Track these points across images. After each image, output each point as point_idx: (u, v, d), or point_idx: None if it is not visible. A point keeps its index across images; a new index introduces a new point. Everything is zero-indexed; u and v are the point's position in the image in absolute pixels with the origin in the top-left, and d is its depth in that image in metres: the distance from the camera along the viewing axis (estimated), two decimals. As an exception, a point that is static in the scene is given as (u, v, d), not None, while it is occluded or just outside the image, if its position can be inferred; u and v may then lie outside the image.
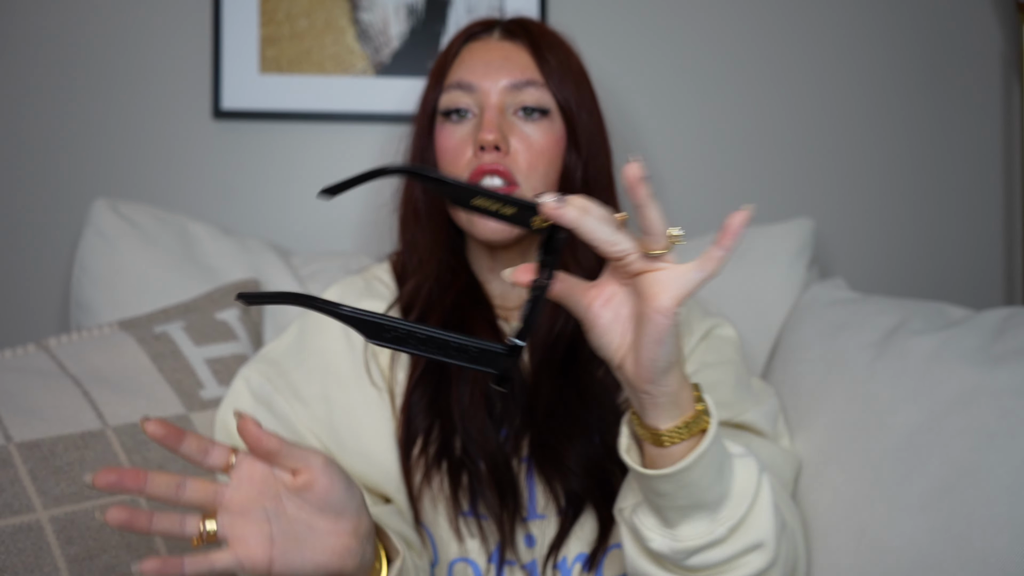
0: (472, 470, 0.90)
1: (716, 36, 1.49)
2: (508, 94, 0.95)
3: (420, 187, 1.01)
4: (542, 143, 0.95)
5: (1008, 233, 1.56)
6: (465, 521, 0.90)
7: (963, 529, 0.88)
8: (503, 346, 0.57)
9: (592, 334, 0.67)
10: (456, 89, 0.96)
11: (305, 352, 0.97)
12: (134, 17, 1.38)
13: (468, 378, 0.93)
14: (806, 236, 1.31)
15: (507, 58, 0.97)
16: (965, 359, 0.98)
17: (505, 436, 0.93)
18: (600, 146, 1.01)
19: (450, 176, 0.75)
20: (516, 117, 0.96)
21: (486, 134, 0.92)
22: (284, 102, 1.39)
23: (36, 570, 0.83)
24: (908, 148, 1.54)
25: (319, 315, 0.97)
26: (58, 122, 1.37)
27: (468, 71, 0.96)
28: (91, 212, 1.23)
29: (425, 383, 0.94)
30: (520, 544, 0.91)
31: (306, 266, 1.29)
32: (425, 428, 0.92)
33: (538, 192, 0.93)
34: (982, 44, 1.54)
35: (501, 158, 0.93)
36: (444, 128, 0.97)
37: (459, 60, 0.99)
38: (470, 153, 0.95)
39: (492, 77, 0.95)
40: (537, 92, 0.96)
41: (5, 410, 0.88)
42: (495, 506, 0.89)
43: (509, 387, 0.57)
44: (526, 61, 0.97)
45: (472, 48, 0.99)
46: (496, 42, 0.99)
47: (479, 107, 0.96)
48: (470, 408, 0.91)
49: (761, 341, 1.24)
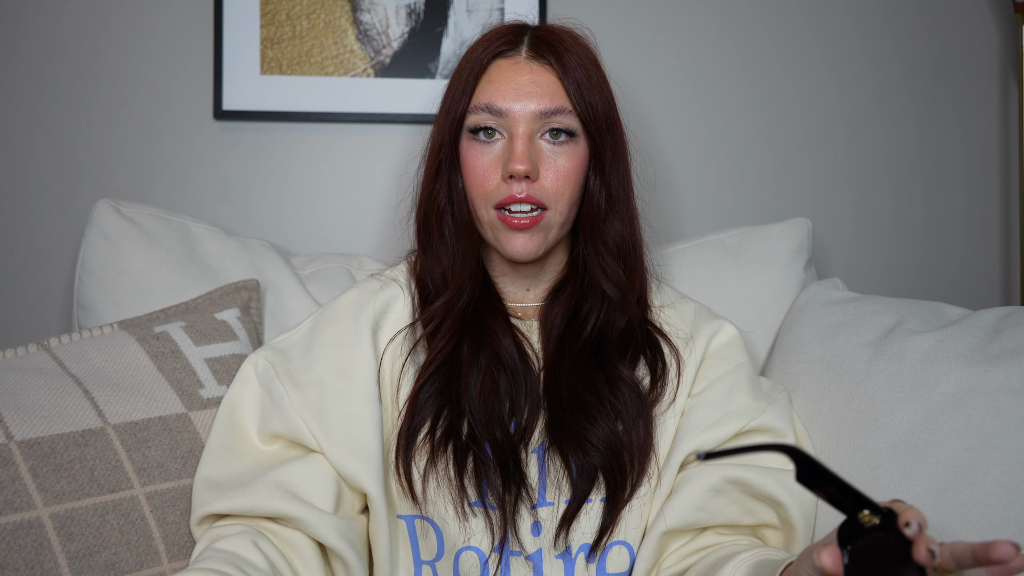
0: (478, 454, 0.93)
1: (715, 36, 1.49)
2: (536, 120, 0.97)
3: (446, 193, 1.03)
4: (568, 167, 0.98)
5: (1005, 233, 1.57)
6: (472, 509, 0.93)
7: (960, 528, 0.89)
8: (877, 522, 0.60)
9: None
10: (485, 112, 0.98)
11: (313, 343, 1.01)
12: (136, 19, 1.39)
13: (479, 368, 0.97)
14: (803, 236, 1.32)
15: (535, 83, 0.98)
16: (962, 359, 0.99)
17: (514, 428, 0.96)
18: (621, 158, 1.04)
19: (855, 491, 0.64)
20: (543, 141, 0.98)
21: (517, 164, 0.95)
22: (285, 103, 1.39)
23: (36, 567, 0.83)
24: (906, 148, 1.54)
25: (334, 310, 1.04)
26: (60, 123, 1.38)
27: (498, 95, 0.97)
28: (93, 213, 1.23)
29: (436, 373, 0.97)
30: (526, 534, 0.93)
31: (307, 266, 1.30)
32: (433, 413, 0.95)
33: (563, 214, 0.99)
34: (980, 45, 1.55)
35: (529, 185, 0.96)
36: (473, 146, 0.99)
37: (487, 78, 1.00)
38: (498, 178, 0.97)
39: (521, 102, 0.97)
40: (565, 119, 0.98)
41: (6, 408, 0.89)
42: (499, 491, 0.92)
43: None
44: (554, 87, 0.98)
45: (501, 67, 0.99)
46: (524, 63, 0.99)
47: (508, 132, 0.98)
48: (480, 397, 0.95)
49: (759, 341, 1.24)
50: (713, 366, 1.04)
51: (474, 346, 0.98)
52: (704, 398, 1.01)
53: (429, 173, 1.04)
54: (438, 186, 1.03)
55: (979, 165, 1.56)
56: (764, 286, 1.27)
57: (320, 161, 1.43)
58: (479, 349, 0.98)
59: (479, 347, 0.98)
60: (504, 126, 0.98)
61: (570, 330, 1.01)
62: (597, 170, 1.02)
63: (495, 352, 0.98)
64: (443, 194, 1.03)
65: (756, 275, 1.27)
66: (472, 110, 0.99)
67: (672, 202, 1.48)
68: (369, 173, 1.43)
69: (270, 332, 1.20)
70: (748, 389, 1.02)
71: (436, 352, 0.98)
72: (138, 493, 0.92)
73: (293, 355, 1.00)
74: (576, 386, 0.97)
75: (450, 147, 1.01)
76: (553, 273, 1.07)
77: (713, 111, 1.50)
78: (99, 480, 0.89)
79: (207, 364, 1.04)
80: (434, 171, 1.03)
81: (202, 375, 1.03)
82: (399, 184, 1.08)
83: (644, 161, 1.14)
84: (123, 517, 0.89)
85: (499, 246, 1.00)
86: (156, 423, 0.96)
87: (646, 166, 1.15)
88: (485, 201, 0.98)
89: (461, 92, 1.00)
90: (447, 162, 1.02)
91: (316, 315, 1.05)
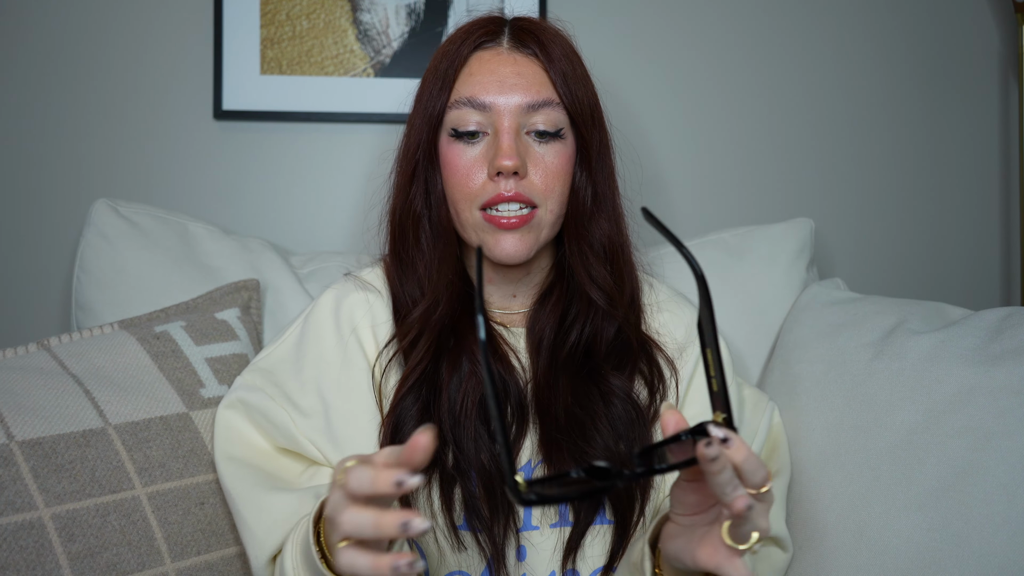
0: (465, 484, 0.89)
1: (715, 36, 1.49)
2: (523, 114, 0.92)
3: (422, 197, 0.97)
4: (556, 164, 0.93)
5: (1006, 233, 1.57)
6: (459, 533, 0.89)
7: (961, 528, 0.89)
8: (630, 472, 0.62)
9: (673, 493, 0.72)
10: (467, 106, 0.92)
11: (301, 362, 0.97)
12: (136, 18, 1.38)
13: (460, 384, 0.92)
14: (805, 236, 1.32)
15: (520, 74, 0.93)
16: (963, 359, 0.99)
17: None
18: (606, 155, 1.00)
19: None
20: (530, 137, 0.93)
21: (504, 160, 0.89)
22: (285, 103, 1.39)
23: (38, 567, 0.83)
24: (907, 149, 1.54)
25: (316, 324, 0.98)
26: (59, 123, 1.38)
27: (480, 87, 0.92)
28: (92, 212, 1.23)
29: (416, 390, 0.92)
30: (511, 557, 0.90)
31: (306, 266, 1.29)
32: None
33: (554, 212, 0.94)
34: (980, 45, 1.55)
35: (518, 182, 0.91)
36: (454, 146, 0.93)
37: (467, 71, 0.94)
38: (483, 176, 0.92)
39: (506, 95, 0.92)
40: (552, 113, 0.93)
41: (7, 408, 0.89)
42: (487, 519, 0.88)
43: None
44: (539, 77, 0.93)
45: (482, 58, 0.94)
46: (507, 54, 0.94)
47: (492, 127, 0.92)
48: (461, 417, 0.90)
49: (760, 341, 1.24)
50: (704, 386, 1.01)
51: (453, 362, 0.93)
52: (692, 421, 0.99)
53: (404, 175, 0.98)
54: (414, 189, 0.97)
55: (979, 165, 1.56)
56: (766, 285, 1.27)
57: (320, 161, 1.43)
58: (458, 364, 0.93)
59: (458, 362, 0.93)
60: (488, 121, 0.92)
61: (559, 339, 0.97)
62: (583, 165, 0.97)
63: (475, 369, 0.92)
64: (419, 198, 0.97)
65: (758, 274, 1.27)
66: (452, 105, 0.93)
67: (674, 201, 1.48)
68: (369, 173, 1.43)
69: (270, 332, 1.20)
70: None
71: (411, 369, 0.92)
72: (139, 493, 0.91)
73: (284, 377, 0.96)
74: (570, 403, 0.93)
75: (427, 147, 0.95)
76: (539, 277, 1.02)
77: (714, 111, 1.50)
78: (100, 480, 0.89)
79: (208, 364, 1.04)
80: (410, 173, 0.97)
81: (203, 375, 1.03)
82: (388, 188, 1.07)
83: (632, 161, 1.10)
84: (124, 517, 0.89)
85: (486, 249, 0.94)
86: (157, 423, 0.96)
87: (634, 167, 1.12)
88: (469, 202, 0.93)
89: (439, 88, 0.94)
90: (424, 163, 0.96)
91: (299, 328, 1.00)
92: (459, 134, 0.93)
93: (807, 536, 0.99)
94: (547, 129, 0.93)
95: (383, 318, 0.99)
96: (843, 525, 0.96)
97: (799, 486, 1.03)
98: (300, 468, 0.95)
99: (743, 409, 1.04)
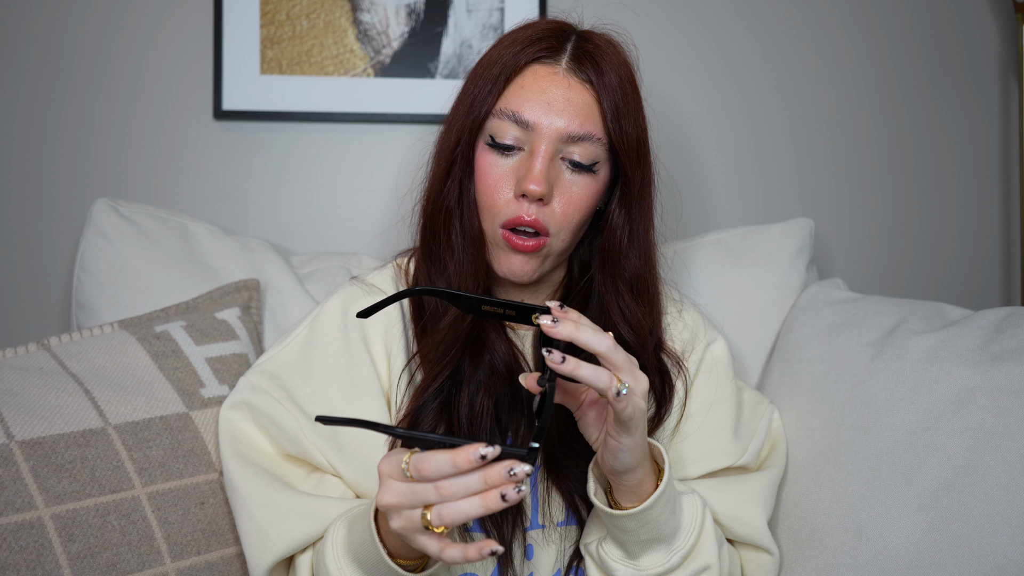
0: None
1: (715, 36, 1.49)
2: (562, 141, 0.91)
3: (456, 195, 0.96)
4: (581, 196, 0.93)
5: (1006, 233, 1.57)
6: (468, 534, 0.91)
7: (961, 528, 0.89)
8: (525, 450, 0.67)
9: (579, 425, 0.84)
10: (510, 120, 0.91)
11: (309, 369, 0.97)
12: (136, 18, 1.38)
13: (478, 385, 0.93)
14: (806, 236, 1.32)
15: (570, 100, 0.91)
16: (963, 359, 0.99)
17: (510, 443, 0.94)
18: (647, 192, 0.99)
19: (464, 292, 0.83)
20: (564, 164, 0.93)
21: (532, 185, 0.89)
22: (285, 103, 1.39)
23: (38, 567, 0.83)
24: (907, 149, 1.54)
25: (323, 331, 0.98)
26: (59, 123, 1.38)
27: (528, 104, 0.91)
28: (92, 212, 1.23)
29: (439, 389, 0.93)
30: (518, 556, 0.92)
31: (306, 265, 1.30)
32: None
33: (565, 242, 0.94)
34: (980, 45, 1.55)
35: (540, 209, 0.91)
36: (489, 155, 0.93)
37: (519, 82, 0.93)
38: (509, 193, 0.92)
39: (551, 118, 0.90)
40: (591, 148, 0.92)
41: (7, 408, 0.89)
42: (497, 519, 0.90)
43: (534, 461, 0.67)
44: (590, 108, 0.92)
45: (536, 73, 0.93)
46: (563, 75, 0.92)
47: (530, 144, 0.92)
48: (479, 416, 0.92)
49: (760, 341, 1.24)
50: (705, 385, 1.03)
51: (475, 361, 0.94)
52: (694, 424, 1.00)
53: (440, 169, 0.97)
54: (449, 185, 0.96)
55: (979, 165, 1.56)
56: (766, 286, 1.27)
57: (320, 161, 1.43)
58: (480, 363, 0.94)
59: (480, 361, 0.94)
60: (527, 139, 0.91)
61: (567, 346, 0.97)
62: (623, 203, 0.96)
63: (493, 366, 0.94)
64: (453, 195, 0.96)
65: (758, 275, 1.27)
66: (496, 113, 0.92)
67: (673, 202, 1.48)
68: (368, 173, 1.43)
69: (270, 332, 1.20)
70: (732, 426, 1.01)
71: (440, 371, 0.93)
72: (139, 493, 0.91)
73: (291, 382, 0.96)
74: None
75: (466, 147, 0.95)
76: (549, 290, 1.03)
77: (714, 111, 1.50)
78: (100, 480, 0.89)
79: (208, 363, 1.04)
80: (446, 168, 0.96)
81: (203, 374, 1.03)
82: (398, 184, 1.08)
83: (673, 195, 1.09)
84: (124, 517, 0.89)
85: (494, 261, 0.95)
86: (157, 423, 0.96)
87: (676, 203, 1.11)
88: (493, 217, 0.93)
89: (488, 90, 0.93)
90: (462, 162, 0.95)
91: (305, 332, 1.00)
92: (496, 144, 0.93)
93: (807, 536, 0.99)
94: (582, 162, 0.92)
95: (392, 322, 0.99)
96: (843, 525, 0.96)
97: (799, 486, 1.03)
98: (303, 474, 0.96)
99: (742, 412, 1.05)
